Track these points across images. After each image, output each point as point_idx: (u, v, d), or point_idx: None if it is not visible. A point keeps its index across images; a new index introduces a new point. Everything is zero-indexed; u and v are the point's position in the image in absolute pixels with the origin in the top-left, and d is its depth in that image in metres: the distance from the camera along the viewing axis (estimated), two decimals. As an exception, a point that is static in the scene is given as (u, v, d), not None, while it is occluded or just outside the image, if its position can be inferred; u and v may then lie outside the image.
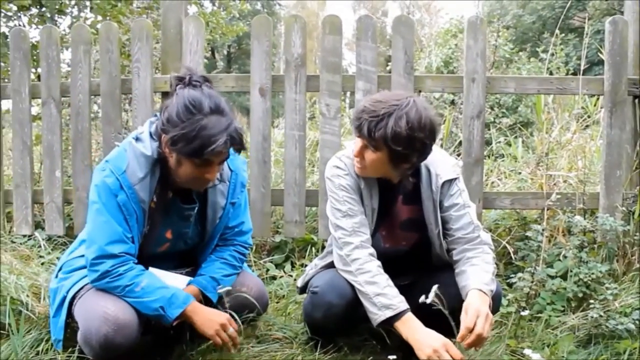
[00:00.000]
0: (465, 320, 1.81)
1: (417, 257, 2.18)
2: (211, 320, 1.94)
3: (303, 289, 2.31)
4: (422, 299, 1.85)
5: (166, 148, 1.88)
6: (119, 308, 1.84)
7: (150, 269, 2.01)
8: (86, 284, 1.97)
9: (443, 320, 1.93)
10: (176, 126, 1.81)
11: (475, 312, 1.81)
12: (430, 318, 2.02)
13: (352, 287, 2.00)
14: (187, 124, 1.79)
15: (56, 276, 2.11)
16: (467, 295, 1.90)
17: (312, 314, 2.10)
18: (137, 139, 1.94)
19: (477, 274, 1.95)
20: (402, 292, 2.16)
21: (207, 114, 1.81)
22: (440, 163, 2.09)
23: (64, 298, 1.99)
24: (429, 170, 2.07)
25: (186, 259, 2.19)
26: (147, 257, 2.01)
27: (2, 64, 3.66)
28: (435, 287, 1.86)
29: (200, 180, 1.93)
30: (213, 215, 2.10)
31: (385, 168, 1.98)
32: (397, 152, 1.89)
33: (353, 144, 2.03)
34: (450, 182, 2.08)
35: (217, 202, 2.09)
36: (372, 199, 2.08)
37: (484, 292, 1.90)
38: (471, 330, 1.81)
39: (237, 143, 1.85)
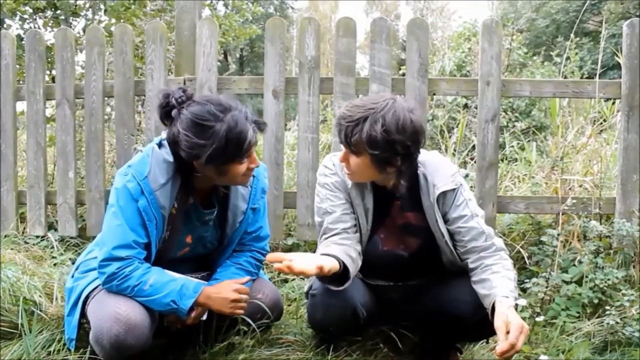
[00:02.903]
0: (511, 336, 1.67)
1: (426, 262, 2.14)
2: (224, 300, 1.95)
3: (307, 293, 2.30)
4: (519, 301, 1.84)
5: (203, 169, 1.88)
6: (131, 308, 1.84)
7: None
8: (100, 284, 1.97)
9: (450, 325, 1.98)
10: (204, 147, 1.79)
11: (519, 328, 1.69)
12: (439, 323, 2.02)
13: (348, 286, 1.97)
14: (213, 138, 1.79)
15: (72, 276, 2.12)
16: (500, 306, 1.78)
17: (312, 316, 2.10)
18: (160, 145, 1.94)
19: (502, 282, 1.88)
20: (411, 293, 2.18)
21: (221, 117, 1.80)
22: (439, 172, 2.03)
23: (79, 297, 1.99)
24: (426, 180, 2.02)
25: (204, 263, 2.18)
26: (167, 261, 2.01)
27: (18, 65, 3.68)
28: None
29: (248, 173, 1.94)
30: (233, 219, 2.09)
31: (370, 172, 1.93)
32: (378, 156, 1.85)
33: None
34: (453, 191, 2.02)
35: (239, 206, 2.08)
36: (365, 198, 2.04)
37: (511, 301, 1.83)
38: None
39: (260, 124, 1.88)
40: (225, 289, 1.98)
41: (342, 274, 1.85)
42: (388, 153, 1.85)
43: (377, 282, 2.17)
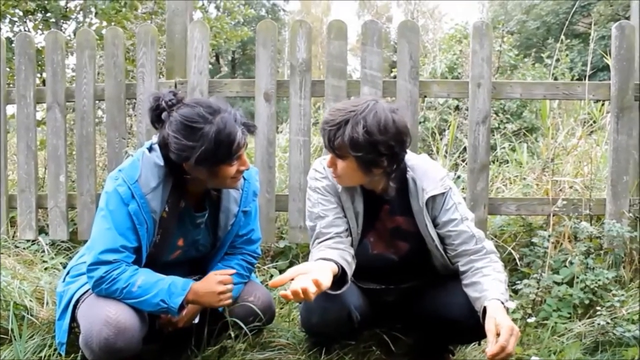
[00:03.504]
0: (501, 339, 1.66)
1: (417, 266, 2.14)
2: (212, 294, 1.97)
3: None
4: (508, 304, 1.83)
5: (194, 171, 1.88)
6: (121, 311, 1.83)
7: None
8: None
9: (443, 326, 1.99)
10: (193, 148, 1.80)
11: (509, 330, 1.68)
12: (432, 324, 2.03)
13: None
14: (202, 140, 1.79)
15: (63, 280, 2.11)
16: (491, 308, 1.78)
17: (307, 319, 2.09)
18: (150, 149, 1.94)
19: (492, 285, 1.87)
20: (405, 296, 2.18)
21: (210, 119, 1.80)
22: (427, 176, 2.02)
23: (69, 301, 1.99)
24: (415, 184, 2.01)
25: (197, 267, 2.18)
26: (159, 265, 2.01)
27: (8, 68, 3.66)
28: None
29: (237, 175, 1.94)
30: (225, 222, 2.09)
31: (357, 175, 1.93)
32: (362, 158, 1.85)
33: None
34: (442, 195, 2.01)
35: (230, 208, 2.09)
36: (355, 202, 2.04)
37: (503, 304, 1.83)
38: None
39: (250, 127, 1.88)
40: (211, 283, 1.99)
41: (339, 277, 1.85)
42: (372, 154, 1.84)
43: (369, 285, 2.16)
